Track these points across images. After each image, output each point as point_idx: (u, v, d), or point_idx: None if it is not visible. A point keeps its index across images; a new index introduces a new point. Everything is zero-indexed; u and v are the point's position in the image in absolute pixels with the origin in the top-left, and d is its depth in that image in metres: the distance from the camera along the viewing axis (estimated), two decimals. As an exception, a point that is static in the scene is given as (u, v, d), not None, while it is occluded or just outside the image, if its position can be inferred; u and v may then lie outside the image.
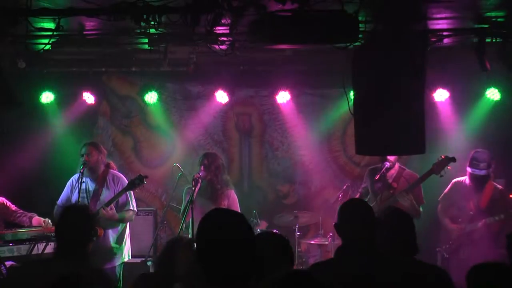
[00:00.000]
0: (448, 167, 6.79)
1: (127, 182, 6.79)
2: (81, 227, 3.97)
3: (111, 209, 6.57)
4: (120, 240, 6.82)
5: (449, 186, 7.36)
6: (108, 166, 6.91)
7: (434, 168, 6.78)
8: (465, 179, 7.24)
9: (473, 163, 7.07)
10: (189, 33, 5.50)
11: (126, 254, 6.90)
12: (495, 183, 7.20)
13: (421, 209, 6.86)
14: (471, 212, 7.14)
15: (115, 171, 6.96)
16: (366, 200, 6.95)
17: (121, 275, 6.87)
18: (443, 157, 6.81)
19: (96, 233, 6.33)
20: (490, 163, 7.06)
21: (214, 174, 6.87)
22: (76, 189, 6.71)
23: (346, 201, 4.04)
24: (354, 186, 8.16)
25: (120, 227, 6.82)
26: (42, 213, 7.00)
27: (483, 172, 7.05)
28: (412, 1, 5.30)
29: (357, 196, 7.26)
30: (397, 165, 7.05)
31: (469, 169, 7.12)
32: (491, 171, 7.11)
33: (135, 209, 6.90)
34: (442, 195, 7.40)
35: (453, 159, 6.80)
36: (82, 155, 6.78)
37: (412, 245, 3.86)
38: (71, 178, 6.94)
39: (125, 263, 6.91)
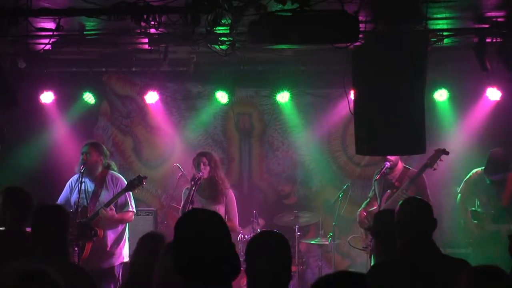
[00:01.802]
0: (440, 159, 6.79)
1: (126, 183, 6.78)
2: (52, 226, 3.97)
3: (111, 209, 6.56)
4: (119, 240, 6.81)
5: (468, 177, 7.34)
6: (108, 167, 6.89)
7: (428, 162, 6.79)
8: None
9: (490, 167, 7.08)
10: (189, 33, 5.49)
11: (125, 254, 6.89)
12: None
13: None
14: (492, 211, 7.12)
15: (115, 172, 6.94)
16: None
17: (120, 275, 6.86)
18: (435, 150, 6.81)
19: (96, 233, 6.44)
20: (507, 163, 7.06)
21: (215, 171, 6.89)
22: (76, 189, 6.69)
23: (404, 202, 3.99)
24: (354, 186, 8.15)
25: (119, 228, 6.82)
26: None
27: (500, 177, 7.07)
28: (412, 1, 5.31)
29: (369, 195, 7.27)
30: (401, 164, 7.00)
31: (486, 174, 7.12)
32: (509, 170, 7.10)
33: (134, 210, 6.89)
34: (462, 185, 7.38)
35: (444, 151, 6.80)
36: (82, 154, 6.77)
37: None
38: (71, 179, 6.92)
39: (124, 264, 6.90)
